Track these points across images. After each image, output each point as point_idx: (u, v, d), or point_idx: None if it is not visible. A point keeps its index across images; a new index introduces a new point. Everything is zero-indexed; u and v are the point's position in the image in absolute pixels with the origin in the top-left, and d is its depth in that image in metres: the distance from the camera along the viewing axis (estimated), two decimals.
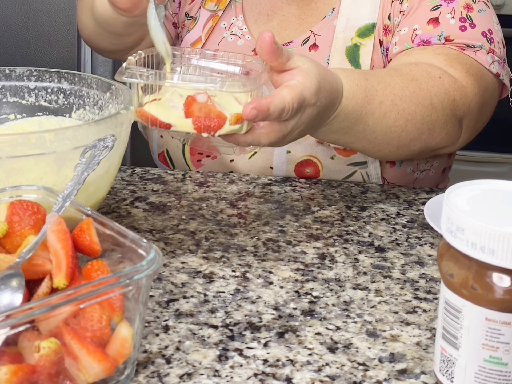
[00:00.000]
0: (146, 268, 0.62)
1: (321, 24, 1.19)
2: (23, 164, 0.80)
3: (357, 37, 1.16)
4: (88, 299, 0.60)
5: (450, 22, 1.11)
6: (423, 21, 1.12)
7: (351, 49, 1.16)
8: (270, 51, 0.81)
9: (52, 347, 0.57)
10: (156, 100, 0.84)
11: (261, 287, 0.83)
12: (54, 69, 1.03)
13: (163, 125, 0.83)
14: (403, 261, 0.90)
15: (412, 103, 1.00)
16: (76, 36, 1.96)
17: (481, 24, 1.12)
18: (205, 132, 0.81)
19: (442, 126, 1.03)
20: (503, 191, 0.66)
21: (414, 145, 1.03)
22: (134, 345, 0.64)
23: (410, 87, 1.00)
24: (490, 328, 0.60)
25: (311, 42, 1.18)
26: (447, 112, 1.03)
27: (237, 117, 0.81)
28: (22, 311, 0.56)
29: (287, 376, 0.68)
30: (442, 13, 1.12)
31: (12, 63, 1.80)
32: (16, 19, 1.95)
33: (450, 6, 1.12)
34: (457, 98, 1.04)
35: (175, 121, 0.83)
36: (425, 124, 1.01)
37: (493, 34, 1.13)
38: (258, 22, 1.23)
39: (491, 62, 1.10)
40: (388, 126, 0.98)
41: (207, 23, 1.27)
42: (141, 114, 0.84)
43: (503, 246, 0.58)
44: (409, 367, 0.70)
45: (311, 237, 0.95)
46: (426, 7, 1.13)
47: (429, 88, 1.01)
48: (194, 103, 0.82)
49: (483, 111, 1.10)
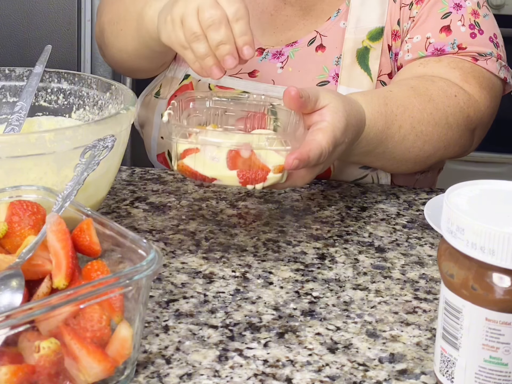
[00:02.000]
0: (146, 268, 0.62)
1: (327, 24, 1.19)
2: (23, 164, 0.80)
3: (368, 40, 1.16)
4: (88, 299, 0.59)
5: (461, 29, 1.13)
6: (435, 29, 1.14)
7: (361, 51, 1.16)
8: (299, 106, 0.86)
9: (52, 347, 0.57)
10: (193, 152, 0.84)
11: (261, 288, 0.83)
12: (54, 69, 1.03)
13: (207, 179, 0.84)
14: (403, 261, 0.90)
15: (429, 124, 1.04)
16: (76, 36, 1.96)
17: (487, 29, 1.15)
18: (250, 184, 0.83)
19: (457, 142, 1.08)
20: (503, 191, 0.66)
21: (431, 160, 1.09)
22: (134, 345, 0.64)
23: (427, 108, 1.04)
24: (490, 328, 0.60)
25: (317, 43, 1.18)
26: (462, 129, 1.08)
27: (280, 168, 0.84)
28: (22, 311, 0.56)
29: (287, 376, 0.68)
30: (453, 21, 1.13)
31: (12, 63, 1.80)
32: (16, 19, 1.94)
33: (460, 13, 1.14)
34: (471, 114, 1.08)
35: (219, 175, 0.83)
36: (441, 143, 1.06)
37: (497, 38, 1.16)
38: (262, 21, 1.23)
39: (499, 68, 1.14)
40: (406, 148, 1.04)
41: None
42: (182, 168, 0.84)
43: (503, 246, 0.58)
44: (409, 368, 0.70)
45: (311, 237, 0.95)
46: (436, 15, 1.14)
47: (446, 108, 1.06)
48: (239, 157, 0.83)
49: (492, 120, 1.15)
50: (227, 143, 0.83)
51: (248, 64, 1.19)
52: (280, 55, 1.19)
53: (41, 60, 1.04)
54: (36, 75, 1.02)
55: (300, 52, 1.19)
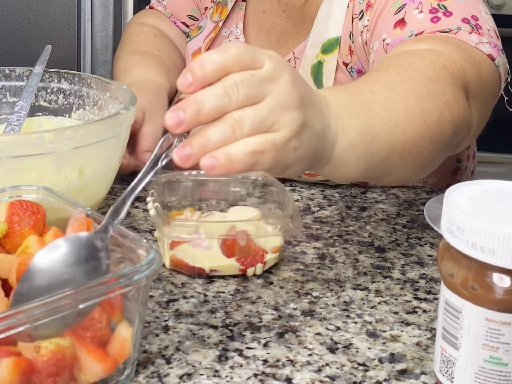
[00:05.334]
0: (146, 268, 0.62)
1: (302, 46, 1.13)
2: (23, 164, 0.80)
3: (321, 53, 1.09)
4: (87, 299, 0.59)
5: (418, 17, 0.98)
6: (389, 27, 1.00)
7: (316, 67, 1.09)
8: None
9: (49, 347, 0.57)
10: (180, 243, 0.83)
11: (261, 287, 0.83)
12: (54, 69, 1.04)
13: (204, 272, 0.83)
14: (403, 261, 0.90)
15: (405, 81, 0.82)
16: (76, 36, 1.96)
17: (460, 11, 0.98)
18: (249, 267, 0.83)
19: (455, 98, 0.86)
20: (503, 191, 0.66)
21: (445, 130, 0.84)
22: (134, 345, 0.64)
23: (391, 72, 0.84)
24: (490, 328, 0.60)
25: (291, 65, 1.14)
26: (448, 81, 0.86)
27: (277, 249, 0.85)
28: (21, 311, 0.56)
29: (287, 376, 0.68)
30: (408, 12, 0.99)
31: (12, 63, 1.80)
32: (16, 19, 1.95)
33: (417, 1, 0.99)
34: (446, 64, 0.88)
35: (218, 265, 0.83)
36: (437, 99, 0.84)
37: (479, 21, 0.97)
38: (259, 38, 1.21)
39: (478, 41, 0.95)
40: (404, 111, 0.79)
41: (209, 35, 1.26)
42: (177, 264, 0.83)
43: (503, 246, 0.58)
44: (409, 368, 0.70)
45: (311, 237, 0.95)
46: (390, 12, 1.01)
47: (413, 64, 0.86)
48: (236, 244, 0.82)
49: (486, 91, 0.95)
50: (222, 233, 0.82)
51: None
52: None
53: (41, 60, 1.04)
54: (36, 75, 1.02)
55: None
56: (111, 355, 0.62)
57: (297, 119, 0.64)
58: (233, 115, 0.61)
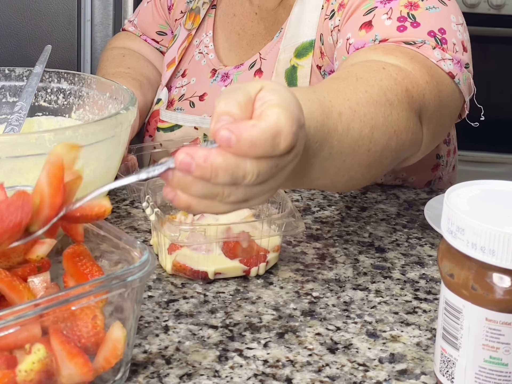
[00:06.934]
0: (139, 270, 0.62)
1: (268, 46, 1.12)
2: (23, 164, 0.80)
3: (295, 57, 1.08)
4: (79, 301, 0.59)
5: (385, 23, 0.96)
6: (355, 27, 0.98)
7: (289, 71, 1.08)
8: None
9: (35, 368, 0.57)
10: (179, 247, 0.83)
11: (261, 288, 0.82)
12: (54, 69, 1.03)
13: (208, 276, 0.83)
14: (403, 261, 0.90)
15: (369, 104, 0.82)
16: (76, 36, 1.96)
17: (428, 22, 0.96)
18: (252, 267, 0.84)
19: (406, 125, 0.86)
20: (503, 191, 0.66)
21: (386, 157, 0.84)
22: (128, 345, 0.63)
23: (359, 87, 0.82)
24: (490, 328, 0.60)
25: (257, 67, 1.12)
26: (405, 107, 0.86)
27: (278, 247, 0.85)
28: (12, 313, 0.56)
29: (287, 376, 0.68)
30: (377, 15, 0.97)
31: (12, 63, 1.80)
32: (16, 19, 1.94)
33: (388, 6, 0.97)
34: (409, 88, 0.87)
35: (222, 268, 0.83)
36: (389, 127, 0.83)
37: (446, 34, 0.95)
38: (229, 41, 1.20)
39: (440, 58, 0.93)
40: (354, 141, 0.78)
41: (182, 43, 1.26)
42: (180, 268, 0.83)
43: (503, 246, 0.58)
44: (409, 368, 0.70)
45: (311, 237, 0.95)
46: (360, 12, 0.99)
47: (379, 83, 0.84)
48: (238, 246, 0.83)
49: (443, 112, 0.94)
50: (221, 235, 0.82)
51: (200, 87, 1.17)
52: (226, 78, 1.15)
53: (41, 60, 1.04)
54: (36, 75, 1.02)
55: (242, 76, 1.14)
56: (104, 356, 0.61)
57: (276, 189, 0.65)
58: (225, 189, 0.60)
